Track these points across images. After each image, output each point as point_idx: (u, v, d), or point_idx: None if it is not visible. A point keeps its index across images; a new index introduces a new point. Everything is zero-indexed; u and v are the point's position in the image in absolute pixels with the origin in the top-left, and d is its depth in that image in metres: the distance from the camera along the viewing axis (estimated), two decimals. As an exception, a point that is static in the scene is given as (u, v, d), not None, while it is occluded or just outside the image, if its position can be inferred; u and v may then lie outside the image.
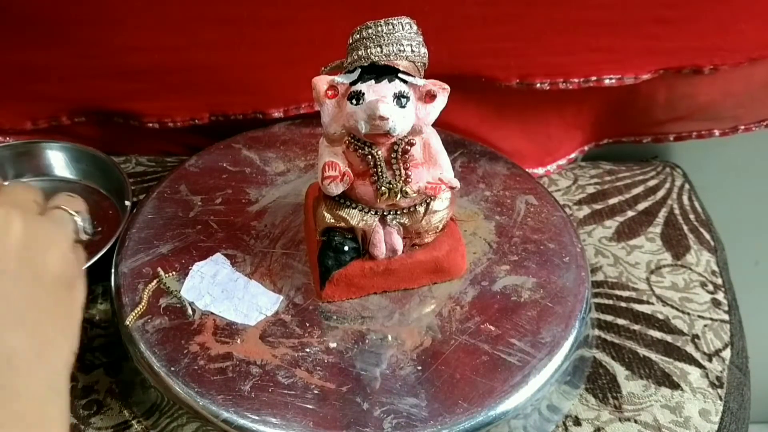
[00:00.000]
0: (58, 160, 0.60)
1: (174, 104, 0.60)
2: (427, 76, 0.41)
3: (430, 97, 0.39)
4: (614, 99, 0.62)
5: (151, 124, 0.61)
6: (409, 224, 0.43)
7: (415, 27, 0.40)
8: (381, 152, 0.40)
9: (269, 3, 0.54)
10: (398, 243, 0.43)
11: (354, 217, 0.42)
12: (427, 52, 0.41)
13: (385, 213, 0.43)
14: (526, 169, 0.59)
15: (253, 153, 0.58)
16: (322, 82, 0.40)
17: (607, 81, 0.59)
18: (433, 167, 0.42)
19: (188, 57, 0.57)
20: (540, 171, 0.66)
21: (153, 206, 0.53)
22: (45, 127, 0.61)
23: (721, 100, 0.62)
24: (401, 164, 0.40)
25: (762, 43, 0.57)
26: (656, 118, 0.64)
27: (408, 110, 0.39)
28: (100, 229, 0.55)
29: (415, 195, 0.41)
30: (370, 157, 0.40)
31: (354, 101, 0.38)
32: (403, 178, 0.40)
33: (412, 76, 0.39)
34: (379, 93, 0.38)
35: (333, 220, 0.42)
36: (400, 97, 0.38)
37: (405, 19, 0.40)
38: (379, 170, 0.40)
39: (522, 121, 0.63)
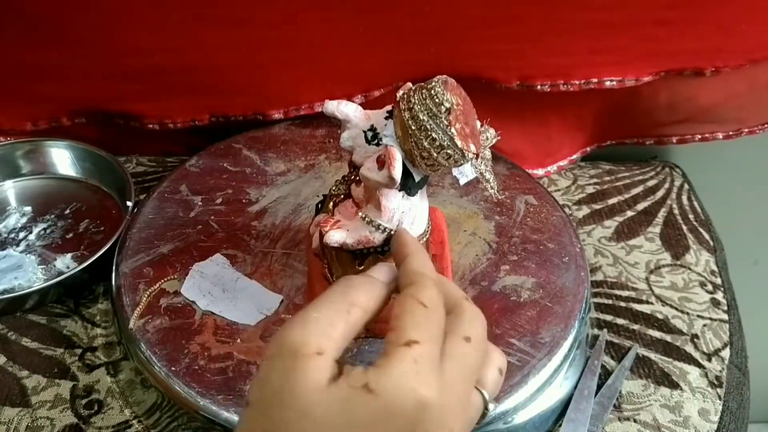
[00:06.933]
0: (63, 159, 0.61)
1: (174, 105, 0.60)
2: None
3: (379, 160, 0.36)
4: (615, 101, 0.62)
5: (151, 125, 0.61)
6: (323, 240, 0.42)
7: (442, 120, 0.35)
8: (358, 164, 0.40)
9: (269, 4, 0.54)
10: (315, 236, 0.43)
11: (335, 185, 0.43)
12: (439, 157, 0.36)
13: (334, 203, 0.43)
14: (526, 170, 0.59)
15: (253, 153, 0.59)
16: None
17: (608, 83, 0.59)
18: (355, 220, 0.39)
19: (188, 58, 0.57)
20: (540, 172, 0.66)
21: (153, 206, 0.53)
22: (45, 128, 0.62)
23: (723, 102, 0.62)
24: (344, 185, 0.41)
25: (764, 45, 0.57)
26: (658, 120, 0.64)
27: (366, 147, 0.37)
28: (102, 228, 0.56)
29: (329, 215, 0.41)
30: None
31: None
32: (335, 194, 0.41)
33: (394, 137, 0.37)
34: (374, 117, 0.38)
35: (339, 177, 0.43)
36: (374, 134, 0.37)
37: (446, 105, 0.35)
38: (345, 175, 0.41)
39: (522, 123, 0.63)
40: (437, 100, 0.35)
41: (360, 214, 0.39)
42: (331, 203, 0.41)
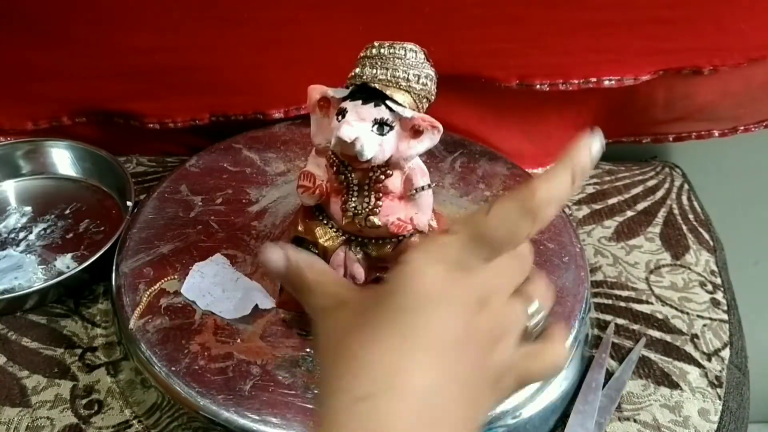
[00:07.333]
0: (63, 159, 0.61)
1: (174, 105, 0.60)
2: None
3: (415, 132, 0.37)
4: (614, 100, 0.62)
5: (151, 125, 0.61)
6: (375, 255, 0.41)
7: (421, 56, 0.38)
8: (355, 175, 0.39)
9: (270, 4, 0.54)
10: (358, 272, 0.41)
11: (322, 232, 0.41)
12: (432, 86, 0.39)
13: (352, 237, 0.41)
14: (526, 170, 0.59)
15: (253, 153, 0.59)
16: (315, 91, 0.39)
17: (606, 82, 0.59)
18: (410, 204, 0.39)
19: (189, 57, 0.57)
20: (540, 171, 0.66)
21: (154, 206, 0.53)
22: (45, 128, 0.62)
23: (720, 101, 0.62)
24: (372, 193, 0.39)
25: (761, 44, 0.58)
26: (656, 118, 0.65)
27: (387, 139, 0.37)
28: (102, 228, 0.56)
29: (380, 227, 0.39)
30: (342, 177, 0.39)
31: (339, 117, 0.37)
32: (369, 207, 0.39)
33: (403, 106, 0.37)
34: (361, 115, 0.36)
35: (303, 230, 0.41)
36: (381, 124, 0.36)
37: (410, 46, 0.38)
38: (350, 193, 0.39)
39: (522, 122, 0.63)
40: (415, 53, 0.38)
41: (410, 191, 0.39)
42: (375, 218, 0.39)
